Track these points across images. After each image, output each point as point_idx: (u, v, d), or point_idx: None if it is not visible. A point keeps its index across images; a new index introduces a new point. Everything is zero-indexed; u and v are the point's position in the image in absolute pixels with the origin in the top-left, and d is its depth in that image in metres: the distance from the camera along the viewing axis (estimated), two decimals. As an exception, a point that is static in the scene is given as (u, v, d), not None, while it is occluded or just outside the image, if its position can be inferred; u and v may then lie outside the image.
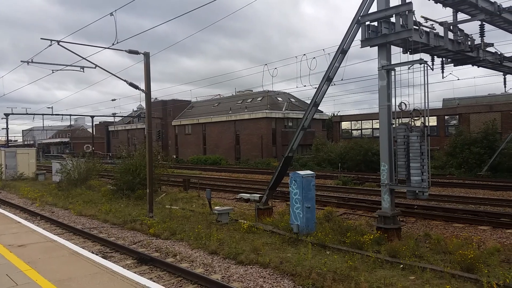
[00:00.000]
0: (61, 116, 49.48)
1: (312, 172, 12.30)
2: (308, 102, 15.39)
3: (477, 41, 13.85)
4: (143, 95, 15.88)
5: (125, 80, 15.74)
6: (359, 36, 11.84)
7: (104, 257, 9.59)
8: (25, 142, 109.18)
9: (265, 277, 8.44)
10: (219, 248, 10.34)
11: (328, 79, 12.60)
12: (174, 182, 26.64)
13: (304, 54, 15.63)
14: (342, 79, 15.43)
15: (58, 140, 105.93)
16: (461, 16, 13.15)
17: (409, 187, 10.72)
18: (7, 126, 46.89)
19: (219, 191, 23.13)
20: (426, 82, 10.34)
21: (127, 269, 8.01)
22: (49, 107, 47.10)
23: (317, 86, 12.95)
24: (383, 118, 11.36)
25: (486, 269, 8.22)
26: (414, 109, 10.77)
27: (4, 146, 44.81)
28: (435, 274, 8.06)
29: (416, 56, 11.61)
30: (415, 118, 10.73)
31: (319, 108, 13.81)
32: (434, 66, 13.96)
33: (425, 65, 10.42)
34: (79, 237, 12.78)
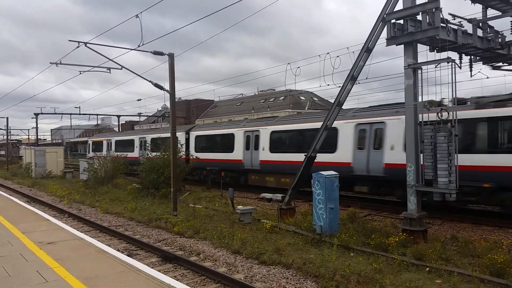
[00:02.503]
0: (88, 115, 50.63)
1: (336, 173, 12.19)
2: (332, 101, 15.25)
3: (509, 37, 13.38)
4: (168, 94, 16.06)
5: (150, 81, 15.95)
6: (384, 34, 11.65)
7: (130, 255, 9.77)
8: (54, 141, 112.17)
9: (288, 278, 8.42)
10: (242, 248, 10.37)
11: (352, 78, 12.45)
12: (197, 181, 26.83)
13: (328, 53, 15.48)
14: (366, 78, 15.20)
15: (85, 139, 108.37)
16: (491, 12, 12.72)
17: (436, 189, 10.48)
18: (36, 125, 48.45)
19: (241, 191, 23.20)
20: (454, 81, 10.09)
21: (152, 267, 8.15)
22: (77, 107, 48.34)
23: (341, 85, 12.81)
24: (410, 118, 11.14)
25: (517, 274, 7.95)
26: (441, 109, 10.51)
27: (34, 145, 46.26)
28: (462, 278, 7.85)
29: (444, 54, 11.30)
30: (443, 118, 10.47)
31: (342, 107, 13.64)
32: (462, 64, 13.58)
33: (453, 63, 10.16)
34: (105, 234, 13.06)
